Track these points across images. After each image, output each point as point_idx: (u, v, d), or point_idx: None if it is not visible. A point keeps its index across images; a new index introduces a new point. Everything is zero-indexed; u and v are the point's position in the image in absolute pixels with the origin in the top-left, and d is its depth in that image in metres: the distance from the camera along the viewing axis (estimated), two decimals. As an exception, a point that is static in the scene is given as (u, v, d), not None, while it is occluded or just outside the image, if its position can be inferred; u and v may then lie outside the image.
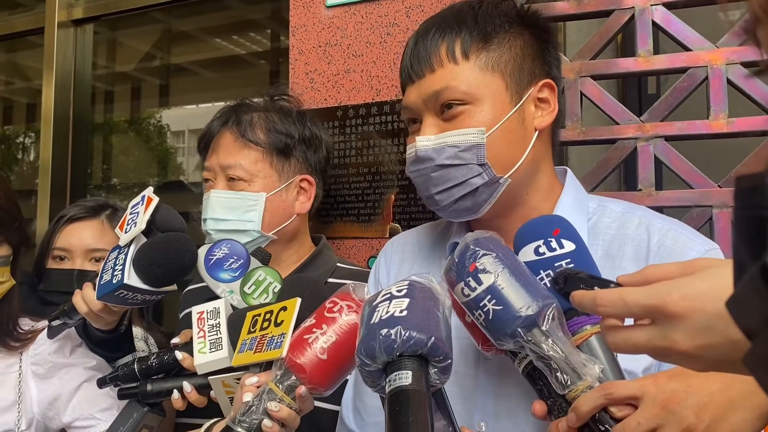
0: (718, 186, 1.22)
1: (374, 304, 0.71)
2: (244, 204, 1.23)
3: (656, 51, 1.29)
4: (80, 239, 1.45)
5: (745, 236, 0.30)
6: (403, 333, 0.65)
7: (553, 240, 0.72)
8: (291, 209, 1.29)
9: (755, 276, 0.28)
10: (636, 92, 1.82)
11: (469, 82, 0.87)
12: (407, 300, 0.69)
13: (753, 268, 0.28)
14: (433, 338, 0.65)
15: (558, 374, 0.64)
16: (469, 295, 0.69)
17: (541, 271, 0.71)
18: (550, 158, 0.95)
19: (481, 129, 0.86)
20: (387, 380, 0.65)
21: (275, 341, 0.80)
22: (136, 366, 1.02)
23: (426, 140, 0.88)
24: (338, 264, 1.32)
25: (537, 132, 0.90)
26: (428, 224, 1.08)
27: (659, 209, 1.25)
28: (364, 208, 1.52)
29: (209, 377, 0.94)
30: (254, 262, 1.05)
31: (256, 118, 1.28)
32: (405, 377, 0.63)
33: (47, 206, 2.35)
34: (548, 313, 0.66)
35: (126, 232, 1.05)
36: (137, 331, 1.51)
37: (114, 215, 1.49)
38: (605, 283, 0.60)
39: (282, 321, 0.82)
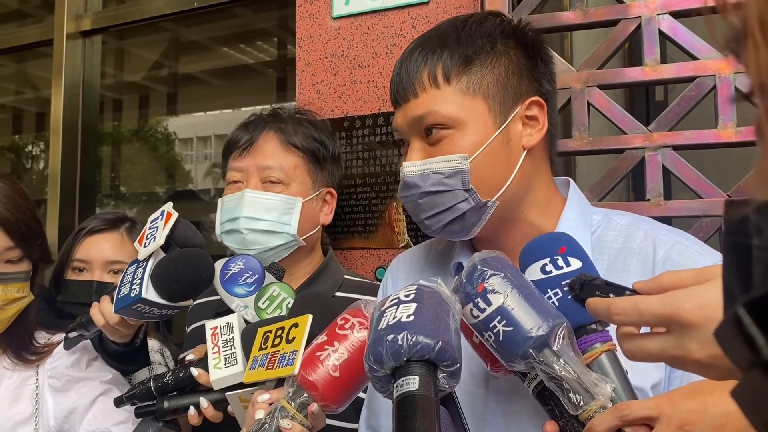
0: (728, 195, 1.21)
1: (382, 309, 0.71)
2: (282, 206, 1.24)
3: (663, 60, 1.29)
4: (99, 251, 1.47)
5: (733, 263, 0.30)
6: (409, 338, 0.64)
7: (559, 258, 0.71)
8: (317, 218, 1.31)
9: (730, 322, 0.28)
10: (643, 100, 1.81)
11: (451, 106, 0.86)
12: (415, 305, 0.68)
13: (729, 313, 0.28)
14: (440, 343, 0.64)
15: (570, 394, 0.64)
16: (478, 316, 0.68)
17: (549, 290, 0.70)
18: (545, 172, 0.93)
19: (464, 155, 0.85)
20: (395, 385, 0.65)
21: (287, 358, 0.80)
22: (152, 384, 1.02)
23: (412, 166, 0.89)
24: (345, 276, 1.32)
25: (525, 151, 0.89)
26: (432, 241, 1.08)
27: (668, 219, 1.25)
28: (371, 218, 1.52)
29: (226, 393, 0.95)
30: (269, 278, 1.05)
31: (297, 125, 1.30)
32: (412, 382, 0.63)
33: (56, 215, 2.36)
34: (559, 332, 0.65)
35: (145, 247, 1.05)
36: (153, 343, 1.52)
37: (133, 228, 1.51)
38: (621, 290, 0.59)
39: (293, 338, 0.81)
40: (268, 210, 1.23)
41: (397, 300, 0.71)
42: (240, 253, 1.23)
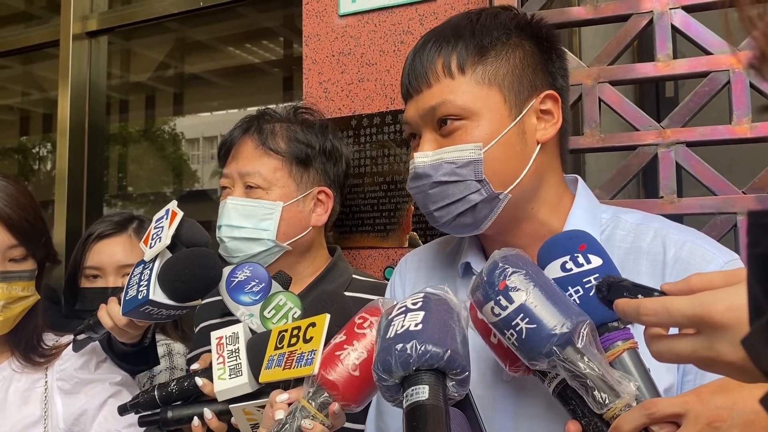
0: (743, 192, 1.20)
1: (390, 317, 0.70)
2: (260, 212, 1.22)
3: (674, 55, 1.27)
4: (111, 256, 1.46)
5: (759, 274, 0.29)
6: (418, 347, 0.64)
7: (579, 255, 0.70)
8: (307, 221, 1.28)
9: (765, 327, 0.26)
10: (653, 96, 1.79)
11: (466, 96, 0.85)
12: (422, 313, 0.68)
13: (763, 320, 0.27)
14: (449, 351, 0.64)
15: (595, 393, 0.63)
16: (499, 314, 0.67)
17: (570, 288, 0.69)
18: (556, 169, 0.92)
19: (478, 144, 0.84)
20: (404, 395, 0.64)
21: (305, 358, 0.79)
22: (156, 393, 1.02)
23: (424, 156, 0.87)
24: (354, 276, 1.31)
25: (539, 145, 0.87)
26: (440, 240, 1.07)
27: (680, 217, 1.23)
28: (379, 217, 1.51)
29: (231, 406, 0.94)
30: (275, 286, 1.04)
31: (278, 127, 1.28)
32: (422, 392, 0.63)
33: (64, 216, 2.37)
34: (582, 330, 0.64)
35: (151, 247, 1.04)
36: (179, 347, 1.52)
37: (141, 228, 1.51)
38: (649, 292, 0.59)
39: (311, 337, 0.80)
40: (246, 217, 1.22)
41: (404, 308, 0.70)
42: (228, 261, 1.23)
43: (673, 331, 0.56)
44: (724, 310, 0.49)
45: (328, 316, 0.82)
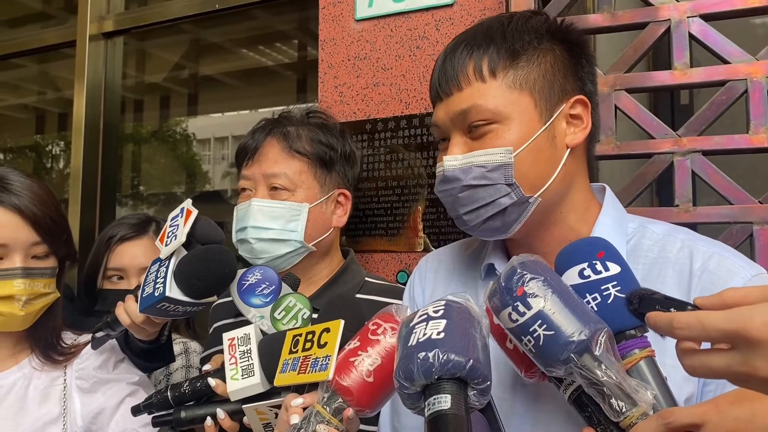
0: (759, 202, 1.19)
1: (411, 325, 0.70)
2: (288, 213, 1.23)
3: (691, 63, 1.27)
4: (133, 258, 1.48)
5: None
6: (441, 356, 0.64)
7: (597, 262, 0.70)
8: (329, 222, 1.29)
9: None
10: (668, 104, 1.79)
11: (497, 101, 0.85)
12: (444, 321, 0.68)
13: None
14: (471, 361, 0.64)
15: (612, 400, 0.62)
16: (517, 320, 0.67)
17: (587, 295, 0.69)
18: (584, 175, 0.92)
19: (509, 148, 0.84)
20: (426, 404, 0.64)
21: (320, 363, 0.79)
22: (169, 393, 1.03)
23: (453, 160, 0.87)
24: (366, 279, 1.31)
25: (569, 149, 0.88)
26: (462, 242, 1.07)
27: (695, 225, 1.23)
28: (392, 221, 1.51)
29: (244, 406, 0.94)
30: (285, 288, 1.05)
31: (302, 130, 1.29)
32: (444, 401, 0.63)
33: (78, 215, 2.39)
34: (600, 337, 0.64)
35: (166, 245, 1.05)
36: (195, 345, 1.54)
37: (159, 229, 1.52)
38: (682, 305, 0.58)
39: (326, 343, 0.81)
40: (273, 218, 1.23)
41: (426, 315, 0.70)
42: (252, 263, 1.24)
43: (705, 345, 0.55)
44: (761, 326, 0.49)
45: (342, 322, 0.82)
